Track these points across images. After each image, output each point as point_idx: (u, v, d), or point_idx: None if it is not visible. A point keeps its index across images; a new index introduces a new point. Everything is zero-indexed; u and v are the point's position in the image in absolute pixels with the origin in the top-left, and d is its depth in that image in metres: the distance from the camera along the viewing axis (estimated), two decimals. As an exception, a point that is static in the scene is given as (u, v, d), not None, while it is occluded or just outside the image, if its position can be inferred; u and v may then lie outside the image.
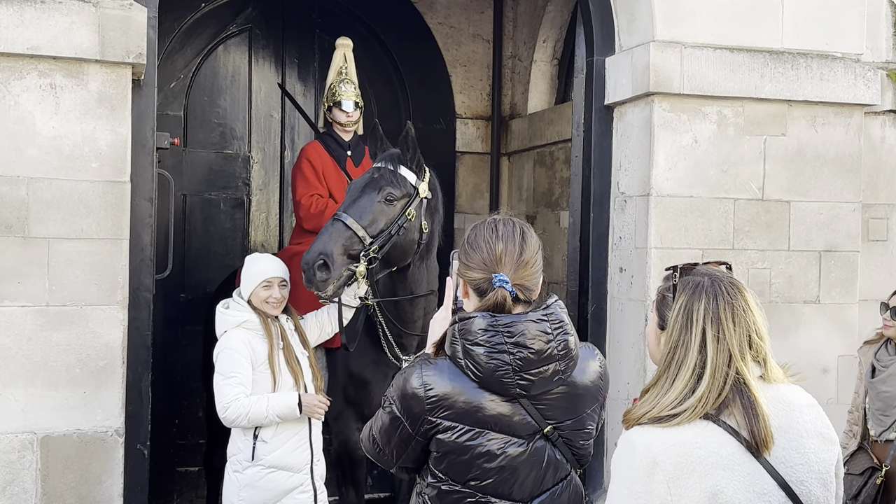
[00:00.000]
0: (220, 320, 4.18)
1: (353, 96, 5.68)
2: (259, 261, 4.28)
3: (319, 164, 5.54)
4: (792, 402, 2.04)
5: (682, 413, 1.93)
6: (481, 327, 2.33)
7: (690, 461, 1.91)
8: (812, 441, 2.00)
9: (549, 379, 2.36)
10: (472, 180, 7.69)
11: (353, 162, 5.68)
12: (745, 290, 2.06)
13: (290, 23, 7.21)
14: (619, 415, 5.06)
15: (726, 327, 1.99)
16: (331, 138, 5.68)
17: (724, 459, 1.92)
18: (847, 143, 5.16)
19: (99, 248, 4.19)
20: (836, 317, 5.14)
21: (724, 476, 1.91)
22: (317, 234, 5.27)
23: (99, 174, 4.19)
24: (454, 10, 7.62)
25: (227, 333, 4.12)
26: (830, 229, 5.13)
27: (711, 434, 1.94)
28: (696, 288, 2.04)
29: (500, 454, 2.37)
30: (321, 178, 5.52)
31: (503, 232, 2.44)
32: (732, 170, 4.98)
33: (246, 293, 4.19)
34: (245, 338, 4.09)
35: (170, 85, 6.81)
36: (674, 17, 4.90)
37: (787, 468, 1.95)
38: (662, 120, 4.88)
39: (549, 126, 7.05)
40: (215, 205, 7.13)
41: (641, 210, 4.95)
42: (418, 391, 2.37)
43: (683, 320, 2.01)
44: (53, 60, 4.12)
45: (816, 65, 5.05)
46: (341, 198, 5.48)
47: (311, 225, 5.40)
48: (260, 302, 4.16)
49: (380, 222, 4.23)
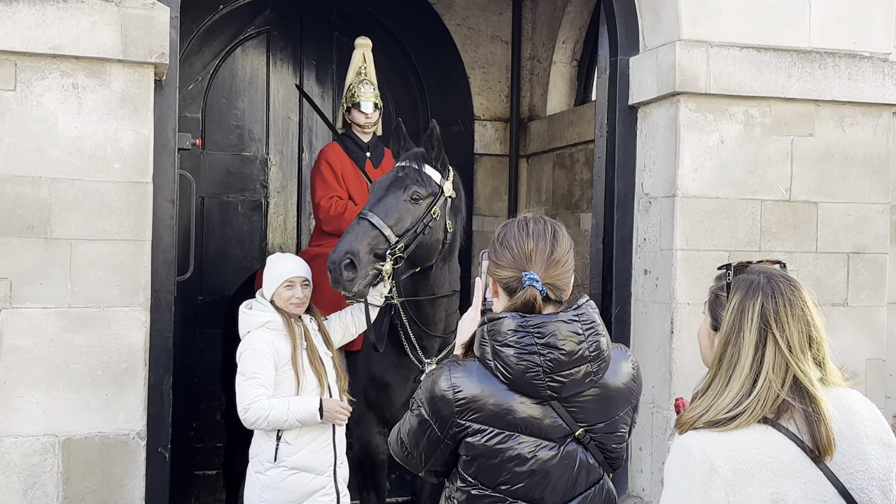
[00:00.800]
0: (243, 321, 4.13)
1: (372, 97, 5.63)
2: (281, 261, 4.22)
3: (339, 165, 5.50)
4: (851, 406, 1.98)
5: (739, 416, 1.86)
6: (511, 328, 2.29)
7: (750, 467, 1.85)
8: (873, 447, 1.94)
9: (580, 381, 2.31)
10: (491, 182, 7.64)
11: (373, 163, 5.64)
12: (803, 287, 2.00)
13: (308, 25, 7.18)
14: (643, 419, 5.00)
15: (785, 325, 1.92)
16: (350, 140, 5.64)
17: (785, 465, 1.86)
18: (875, 143, 5.09)
19: (121, 250, 4.15)
20: (864, 320, 5.07)
21: (785, 483, 1.85)
22: (337, 236, 5.26)
23: (121, 175, 4.16)
24: (473, 12, 7.58)
25: (251, 334, 4.07)
26: (858, 231, 5.06)
27: (771, 439, 1.88)
28: (750, 286, 1.98)
29: (531, 458, 2.32)
30: (340, 179, 5.48)
31: (534, 230, 2.40)
32: (759, 170, 4.92)
33: (269, 293, 4.13)
34: (268, 338, 4.03)
35: (188, 87, 6.79)
36: (700, 16, 4.85)
37: (847, 475, 1.89)
38: (688, 120, 4.82)
39: (568, 128, 6.99)
40: (233, 207, 7.10)
41: (667, 211, 4.89)
42: (447, 393, 2.32)
43: (738, 319, 1.95)
44: (76, 60, 4.09)
45: (844, 64, 4.99)
46: (361, 199, 5.45)
47: (330, 227, 5.36)
48: (283, 302, 4.10)
49: (406, 221, 4.17)
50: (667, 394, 4.79)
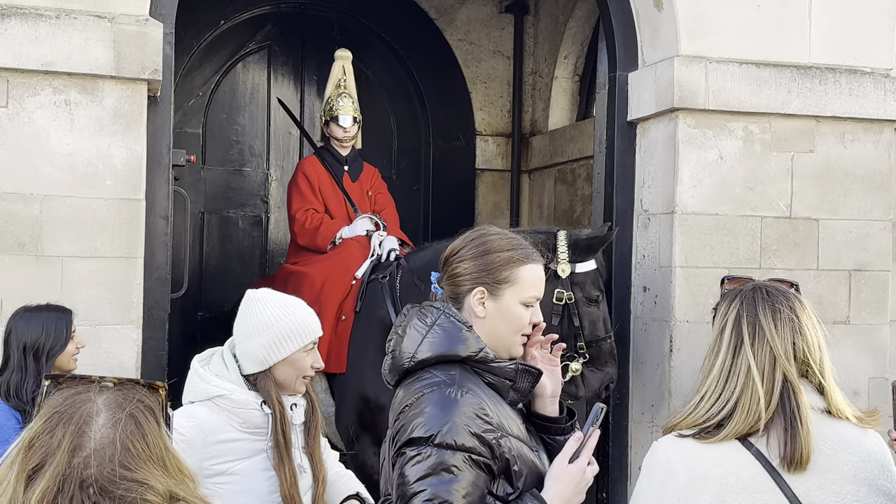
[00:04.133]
0: (191, 382, 2.73)
1: (351, 111, 5.60)
2: (298, 310, 2.77)
3: (315, 178, 5.48)
4: (850, 444, 1.90)
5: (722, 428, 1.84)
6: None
7: (703, 477, 1.85)
8: (858, 489, 1.87)
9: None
10: (493, 198, 7.61)
11: (350, 177, 5.61)
12: (798, 299, 1.95)
13: (310, 40, 7.18)
14: (640, 438, 4.94)
15: (768, 330, 1.88)
16: (328, 153, 5.62)
17: (743, 483, 1.84)
18: (877, 159, 5.03)
19: (113, 267, 4.13)
20: (866, 338, 5.00)
21: (738, 499, 1.82)
22: (311, 251, 5.21)
23: (113, 192, 4.13)
24: (474, 27, 7.57)
25: (188, 409, 2.68)
26: (860, 248, 5.00)
27: (735, 454, 1.86)
28: (735, 294, 1.96)
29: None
30: (317, 192, 5.46)
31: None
32: (759, 187, 4.87)
33: (267, 358, 2.68)
34: (209, 423, 2.63)
35: (188, 102, 6.79)
36: (698, 32, 4.81)
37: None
38: (687, 136, 4.78)
39: (570, 143, 6.96)
40: (233, 222, 7.08)
41: (666, 228, 4.84)
42: (479, 420, 2.10)
43: (718, 327, 1.93)
44: (68, 76, 4.07)
45: (845, 80, 4.94)
46: (337, 213, 5.43)
47: (304, 240, 5.33)
48: (292, 375, 2.72)
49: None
50: (665, 412, 4.73)
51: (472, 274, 2.24)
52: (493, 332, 2.22)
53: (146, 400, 1.48)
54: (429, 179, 7.38)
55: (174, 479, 1.44)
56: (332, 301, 4.90)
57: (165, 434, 1.48)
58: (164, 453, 1.46)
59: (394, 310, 4.74)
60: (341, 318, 4.88)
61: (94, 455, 1.39)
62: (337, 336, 4.85)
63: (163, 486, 1.41)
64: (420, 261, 4.90)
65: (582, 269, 4.51)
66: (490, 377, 2.19)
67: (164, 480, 1.42)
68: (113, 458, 1.40)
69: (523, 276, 2.23)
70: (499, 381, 2.19)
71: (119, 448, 1.41)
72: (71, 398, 1.44)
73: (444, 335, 2.19)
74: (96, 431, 1.41)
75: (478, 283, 2.23)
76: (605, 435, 5.05)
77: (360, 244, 5.18)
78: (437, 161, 7.40)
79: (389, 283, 4.86)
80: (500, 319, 2.22)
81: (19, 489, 1.37)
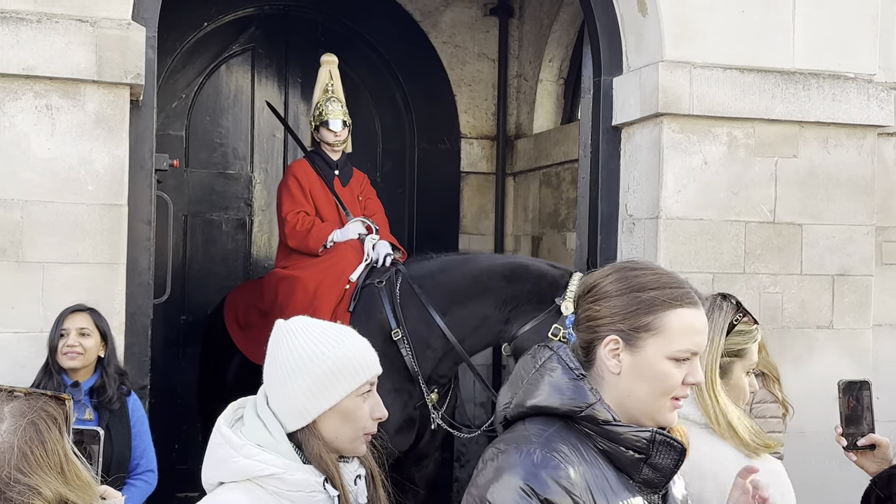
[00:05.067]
0: (220, 456, 1.95)
1: (340, 115, 5.59)
2: (346, 340, 2.04)
3: (307, 182, 5.46)
4: (717, 471, 1.91)
5: None
6: None
7: None
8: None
9: None
10: (478, 201, 7.59)
11: (341, 182, 5.60)
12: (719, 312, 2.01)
13: (294, 42, 7.15)
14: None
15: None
16: (319, 157, 5.60)
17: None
18: (860, 164, 5.05)
19: (95, 273, 4.09)
20: (849, 343, 5.02)
21: None
22: (302, 253, 5.21)
23: (95, 197, 4.10)
24: (459, 30, 7.55)
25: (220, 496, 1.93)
26: (844, 253, 5.02)
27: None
28: None
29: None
30: (308, 196, 5.45)
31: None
32: (743, 192, 4.88)
33: (315, 406, 1.96)
34: None
35: (171, 105, 6.75)
36: (683, 37, 4.81)
37: None
38: (672, 141, 4.78)
39: (555, 146, 6.96)
40: (217, 226, 7.05)
41: (650, 233, 4.84)
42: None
43: None
44: (49, 81, 4.03)
45: (828, 85, 4.95)
46: (329, 217, 5.41)
47: (294, 243, 5.32)
48: (346, 432, 1.98)
49: None
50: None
51: (606, 318, 1.81)
52: (631, 393, 1.78)
53: (49, 409, 1.53)
54: (413, 182, 7.37)
55: (70, 486, 1.49)
56: (326, 305, 4.93)
57: (67, 443, 1.53)
58: (63, 461, 1.51)
59: (393, 315, 4.79)
60: (336, 322, 4.88)
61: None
62: None
63: (52, 493, 1.47)
64: (423, 269, 4.96)
65: None
66: (604, 443, 1.76)
67: (55, 487, 1.47)
68: (10, 462, 1.47)
69: (671, 323, 1.77)
70: (616, 451, 1.76)
71: (17, 453, 1.47)
72: None
73: (544, 382, 1.81)
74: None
75: (611, 331, 1.80)
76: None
77: (353, 248, 5.17)
78: (422, 164, 7.38)
79: (388, 287, 4.88)
80: (639, 377, 1.78)
81: None
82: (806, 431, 4.37)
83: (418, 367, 4.73)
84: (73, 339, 3.60)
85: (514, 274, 4.71)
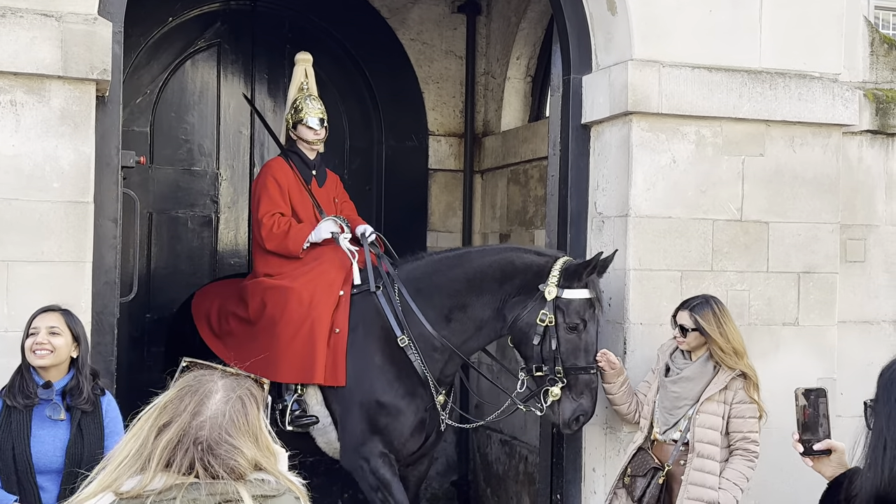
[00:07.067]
0: None
1: (318, 113, 5.54)
2: None
3: (285, 182, 5.40)
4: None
5: None
6: None
7: None
8: None
9: None
10: (445, 198, 7.58)
11: (318, 182, 5.55)
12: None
13: (260, 38, 7.09)
14: (596, 440, 4.96)
15: None
16: (296, 156, 5.53)
17: None
18: (825, 163, 5.11)
19: (61, 272, 4.03)
20: (815, 339, 5.08)
21: None
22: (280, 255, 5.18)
23: (61, 194, 4.04)
24: (427, 27, 7.53)
25: None
26: (809, 250, 5.08)
27: None
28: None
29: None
30: (286, 196, 5.39)
31: None
32: (711, 190, 4.92)
33: None
34: None
35: (136, 100, 6.66)
36: (651, 36, 4.84)
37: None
38: (640, 140, 4.81)
39: (522, 144, 6.96)
40: (182, 223, 6.97)
41: (619, 231, 4.86)
42: None
43: None
44: (14, 76, 3.97)
45: (795, 84, 5.01)
46: (306, 217, 5.37)
47: (272, 245, 5.26)
48: None
49: None
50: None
51: None
52: None
53: (253, 389, 1.88)
54: (381, 179, 7.33)
55: (261, 453, 1.81)
56: (324, 314, 4.95)
57: (262, 418, 1.86)
58: (258, 431, 1.83)
59: (396, 323, 4.87)
60: (335, 330, 4.90)
61: (209, 421, 1.78)
62: (332, 349, 4.89)
63: (251, 455, 1.79)
64: (416, 271, 5.03)
65: (569, 295, 4.59)
66: None
67: (253, 451, 1.79)
68: (221, 425, 1.78)
69: None
70: None
71: (227, 419, 1.79)
72: (199, 377, 1.86)
73: None
74: (213, 404, 1.80)
75: None
76: (559, 436, 5.07)
77: (337, 255, 5.17)
78: (390, 161, 7.35)
79: (385, 293, 4.96)
80: None
81: (150, 437, 1.78)
82: (771, 426, 4.41)
83: (428, 371, 4.83)
84: (43, 336, 3.54)
85: (504, 274, 4.79)
